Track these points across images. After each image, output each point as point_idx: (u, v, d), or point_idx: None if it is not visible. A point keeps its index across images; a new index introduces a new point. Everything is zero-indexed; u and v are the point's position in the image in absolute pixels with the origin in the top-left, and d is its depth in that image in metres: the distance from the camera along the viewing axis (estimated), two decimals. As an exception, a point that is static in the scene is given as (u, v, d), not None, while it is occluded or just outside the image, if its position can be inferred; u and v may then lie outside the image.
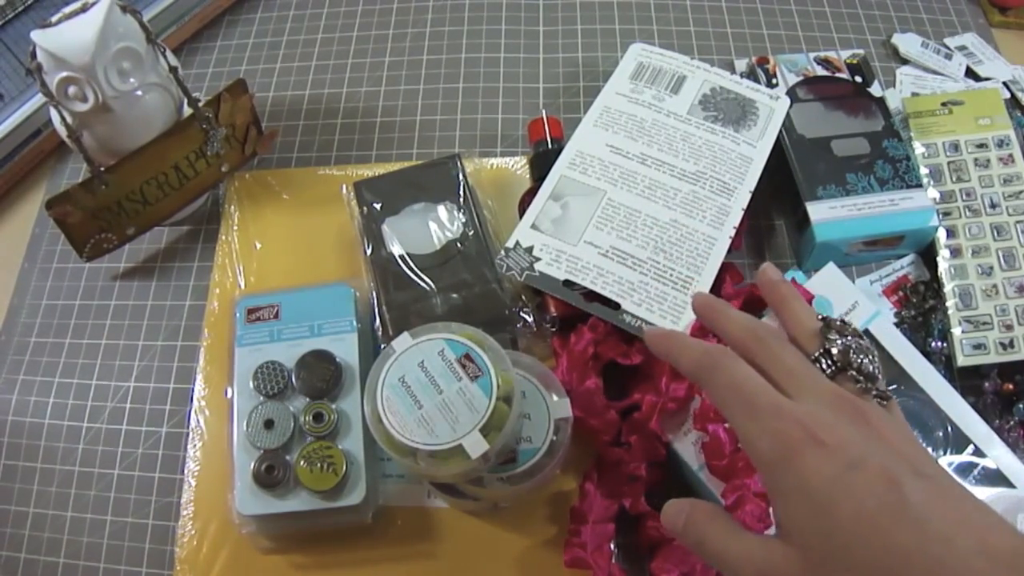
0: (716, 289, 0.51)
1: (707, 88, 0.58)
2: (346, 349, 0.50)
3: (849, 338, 0.32)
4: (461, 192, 0.56)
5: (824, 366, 0.31)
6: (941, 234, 0.54)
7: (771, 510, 0.29)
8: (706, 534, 0.31)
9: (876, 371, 0.31)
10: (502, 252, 0.52)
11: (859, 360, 0.31)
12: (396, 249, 0.53)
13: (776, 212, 0.59)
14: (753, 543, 0.29)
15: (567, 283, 0.50)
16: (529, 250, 0.52)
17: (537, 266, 0.51)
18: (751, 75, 0.63)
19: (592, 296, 0.50)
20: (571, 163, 0.55)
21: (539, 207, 0.54)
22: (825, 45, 0.68)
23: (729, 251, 0.51)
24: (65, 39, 0.49)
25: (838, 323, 0.32)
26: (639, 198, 0.53)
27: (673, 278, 0.50)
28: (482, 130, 0.65)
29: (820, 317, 0.33)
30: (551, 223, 0.53)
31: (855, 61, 0.63)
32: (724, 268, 0.51)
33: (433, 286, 0.52)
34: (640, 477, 0.46)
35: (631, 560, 0.46)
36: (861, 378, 0.31)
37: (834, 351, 0.31)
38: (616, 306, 0.49)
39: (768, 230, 0.59)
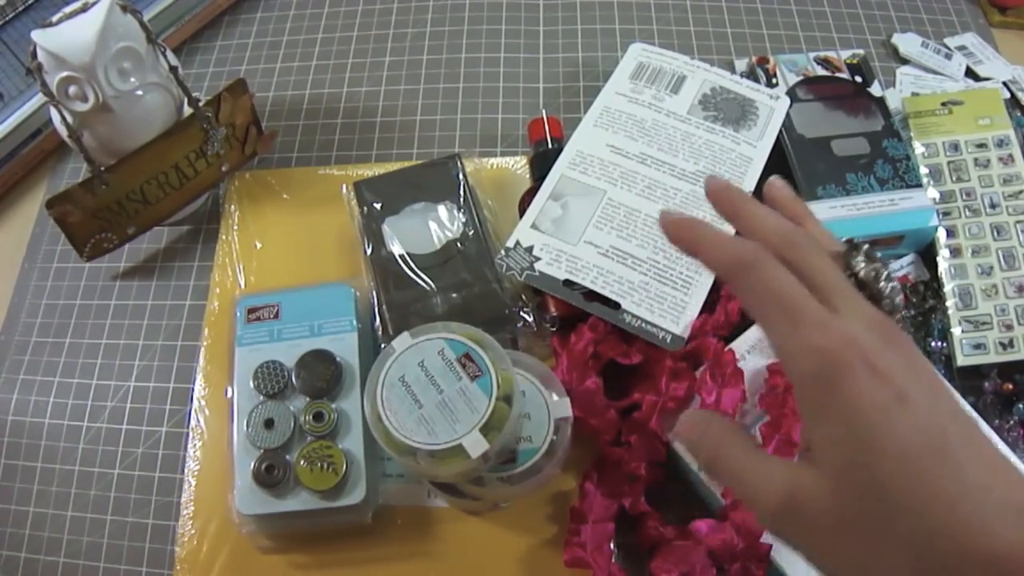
0: (716, 289, 0.51)
1: (707, 88, 0.58)
2: (346, 349, 0.51)
3: (876, 263, 0.30)
4: (461, 192, 0.56)
5: None
6: (941, 234, 0.54)
7: (801, 431, 0.27)
8: (722, 451, 0.29)
9: (899, 303, 0.29)
10: (502, 252, 0.52)
11: (886, 287, 0.29)
12: (396, 249, 0.53)
13: (776, 212, 0.59)
14: (776, 465, 0.28)
15: (567, 283, 0.50)
16: (529, 250, 0.52)
17: (537, 266, 0.51)
18: (751, 75, 0.63)
19: (592, 296, 0.50)
20: (571, 163, 0.55)
21: (539, 207, 0.54)
22: (825, 45, 0.68)
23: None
24: (65, 39, 0.49)
25: (864, 247, 0.30)
26: (639, 198, 0.53)
27: (673, 278, 0.50)
28: (482, 130, 0.65)
29: (845, 240, 0.31)
30: (551, 223, 0.53)
31: (855, 61, 0.63)
32: (724, 268, 0.51)
33: (433, 286, 0.52)
34: (640, 477, 0.46)
35: (631, 560, 0.46)
36: (885, 306, 0.29)
37: (860, 275, 0.29)
38: (616, 306, 0.50)
39: (768, 230, 0.59)
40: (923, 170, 0.56)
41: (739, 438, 0.29)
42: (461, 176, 0.56)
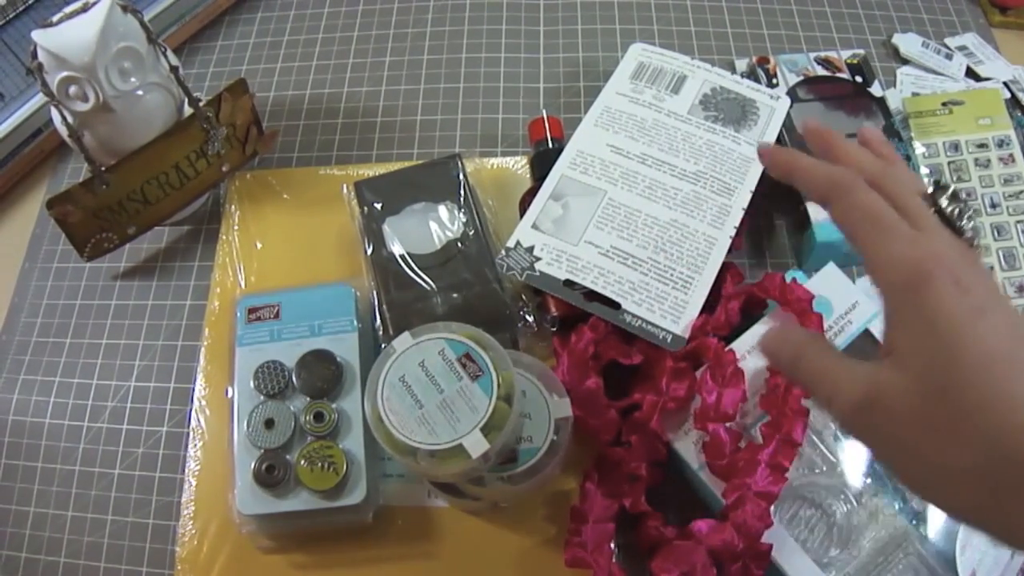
0: (716, 289, 0.51)
1: (707, 88, 0.58)
2: (346, 349, 0.51)
3: (960, 203, 0.32)
4: (461, 192, 0.56)
5: None
6: (941, 234, 0.54)
7: (885, 335, 0.30)
8: (803, 354, 0.31)
9: (979, 242, 0.32)
10: (503, 252, 0.52)
11: (967, 226, 0.31)
12: (396, 249, 0.53)
13: (776, 212, 0.59)
14: (856, 364, 0.30)
15: (567, 283, 0.50)
16: (530, 250, 0.52)
17: (538, 266, 0.51)
18: (751, 75, 0.63)
19: (592, 296, 0.50)
20: (572, 163, 0.55)
21: (540, 207, 0.54)
22: (825, 45, 0.68)
23: (729, 251, 0.51)
24: (66, 39, 0.49)
25: (950, 188, 0.32)
26: (639, 198, 0.53)
27: (673, 278, 0.50)
28: (482, 130, 0.65)
29: (932, 180, 0.33)
30: (552, 223, 0.53)
31: (855, 61, 0.63)
32: (725, 268, 0.51)
33: (433, 286, 0.52)
34: (640, 477, 0.46)
35: (631, 560, 0.46)
36: (962, 236, 0.31)
37: (945, 213, 0.32)
38: (616, 306, 0.49)
39: (768, 230, 0.59)
40: (924, 170, 0.56)
41: (819, 341, 0.32)
42: (461, 176, 0.56)
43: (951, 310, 0.27)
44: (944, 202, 0.32)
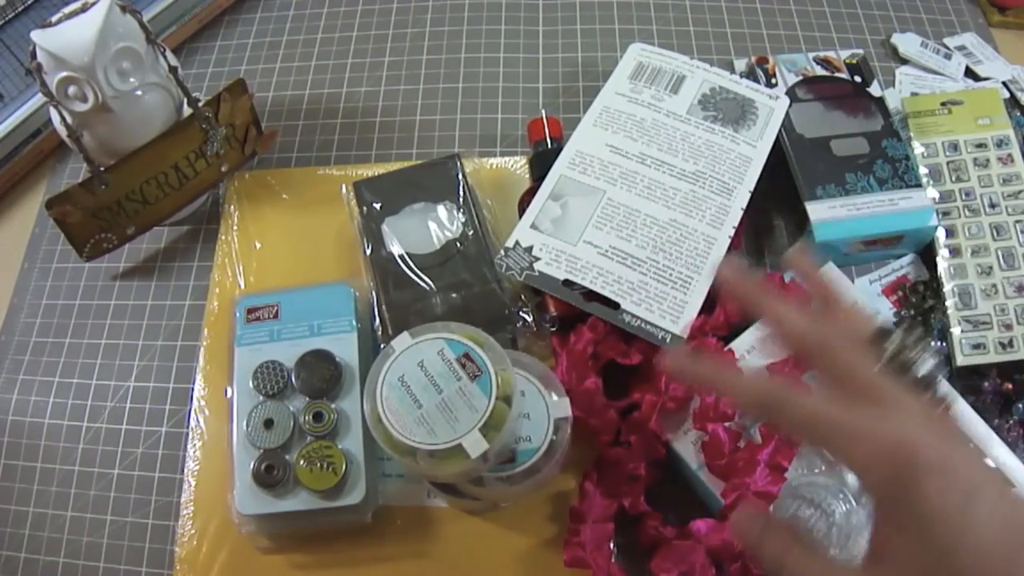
0: (716, 289, 0.51)
1: (706, 88, 0.58)
2: (346, 349, 0.51)
3: (907, 350, 0.30)
4: (461, 192, 0.56)
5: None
6: (940, 234, 0.54)
7: (872, 538, 0.28)
8: (786, 556, 0.29)
9: (936, 379, 0.30)
10: (502, 252, 0.52)
11: (921, 369, 0.30)
12: (396, 249, 0.53)
13: (775, 212, 0.59)
14: (843, 571, 0.28)
15: (567, 283, 0.50)
16: (529, 250, 0.52)
17: (537, 266, 0.51)
18: (750, 75, 0.63)
19: (591, 296, 0.50)
20: (571, 163, 0.55)
21: (539, 207, 0.54)
22: (824, 45, 0.68)
23: (728, 251, 0.51)
24: (65, 39, 0.49)
25: (897, 330, 0.30)
26: (638, 198, 0.53)
27: (672, 278, 0.50)
28: (482, 130, 0.65)
29: (877, 326, 0.31)
30: (551, 223, 0.53)
31: (854, 61, 0.63)
32: (723, 268, 0.51)
33: (433, 286, 0.52)
34: (640, 477, 0.46)
35: (631, 560, 0.46)
36: (921, 386, 0.29)
37: (897, 358, 0.30)
38: (616, 306, 0.50)
39: (768, 230, 0.59)
40: (922, 170, 0.56)
41: (799, 545, 0.29)
42: (460, 176, 0.56)
43: (941, 504, 0.25)
44: (892, 348, 0.30)
